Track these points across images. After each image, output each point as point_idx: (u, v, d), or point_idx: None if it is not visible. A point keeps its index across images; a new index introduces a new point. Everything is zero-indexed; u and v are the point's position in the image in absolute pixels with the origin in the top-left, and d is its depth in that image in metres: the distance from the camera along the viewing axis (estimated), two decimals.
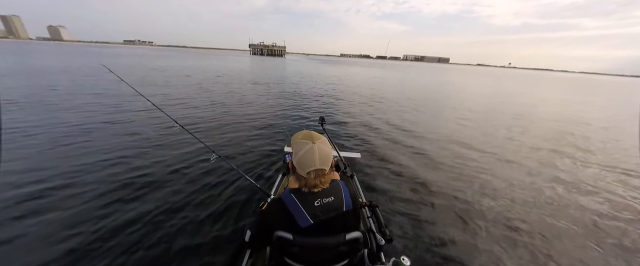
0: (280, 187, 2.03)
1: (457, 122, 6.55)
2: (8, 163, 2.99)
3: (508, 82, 26.11)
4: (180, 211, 2.27)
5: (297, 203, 0.87)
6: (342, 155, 2.42)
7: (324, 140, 0.91)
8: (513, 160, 3.97)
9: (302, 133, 0.96)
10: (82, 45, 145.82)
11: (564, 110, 9.30)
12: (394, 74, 26.49)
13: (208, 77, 13.72)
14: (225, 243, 1.93)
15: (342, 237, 0.90)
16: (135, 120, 4.97)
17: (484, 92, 14.34)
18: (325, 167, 0.87)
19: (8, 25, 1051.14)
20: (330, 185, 0.93)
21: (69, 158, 3.19)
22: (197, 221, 2.15)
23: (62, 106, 5.73)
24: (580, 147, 4.89)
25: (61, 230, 2.00)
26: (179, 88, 9.50)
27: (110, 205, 2.32)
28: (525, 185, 3.17)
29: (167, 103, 6.73)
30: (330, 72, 23.65)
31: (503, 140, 5.07)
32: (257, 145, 4.03)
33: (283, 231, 0.88)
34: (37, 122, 4.47)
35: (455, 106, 9.17)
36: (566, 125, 6.77)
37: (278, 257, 0.99)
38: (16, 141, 3.64)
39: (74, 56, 25.73)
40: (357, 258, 1.06)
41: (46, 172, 2.83)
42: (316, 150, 0.86)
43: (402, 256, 1.03)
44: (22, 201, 2.32)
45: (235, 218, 2.20)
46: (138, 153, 3.47)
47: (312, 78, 16.32)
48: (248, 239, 0.98)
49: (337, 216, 0.91)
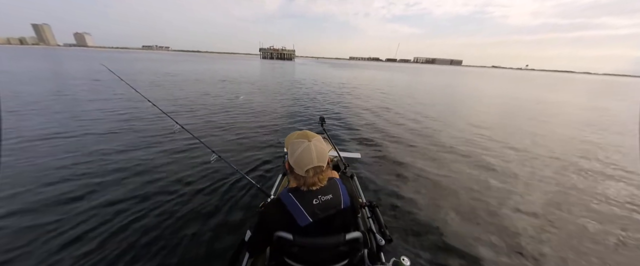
0: (280, 187, 2.02)
1: (459, 122, 6.50)
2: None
3: (524, 85, 25.15)
4: (180, 211, 2.28)
5: (295, 202, 0.88)
6: (342, 155, 2.41)
7: (319, 138, 0.93)
8: (518, 162, 3.93)
9: (297, 133, 0.97)
10: (103, 51, 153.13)
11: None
12: (402, 77, 26.20)
13: (213, 80, 13.81)
14: (225, 243, 1.94)
15: (342, 237, 0.90)
16: (136, 120, 5.04)
17: (492, 94, 13.98)
18: (323, 163, 0.89)
19: (39, 33, 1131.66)
20: (328, 183, 0.94)
21: (67, 157, 3.27)
22: (197, 221, 2.16)
23: (64, 110, 5.71)
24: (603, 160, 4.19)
25: (54, 227, 2.02)
26: (182, 89, 9.71)
27: (110, 205, 2.33)
28: (533, 188, 3.11)
29: (167, 104, 6.83)
30: (336, 74, 23.75)
31: (512, 142, 4.96)
32: (258, 145, 4.07)
33: (283, 231, 0.88)
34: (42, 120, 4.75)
35: (458, 107, 9.08)
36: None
37: (278, 257, 0.99)
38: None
39: (93, 61, 27.29)
40: (357, 258, 1.06)
41: (45, 169, 2.93)
42: (313, 148, 0.88)
43: (402, 256, 1.03)
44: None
45: (235, 218, 2.22)
46: (138, 152, 3.52)
47: (316, 80, 16.41)
48: (248, 239, 1.00)
49: (336, 214, 0.92)
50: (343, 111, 7.27)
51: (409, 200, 2.68)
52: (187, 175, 2.94)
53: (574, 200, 2.90)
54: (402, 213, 2.45)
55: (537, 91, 17.37)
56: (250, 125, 5.26)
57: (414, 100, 10.04)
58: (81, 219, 2.14)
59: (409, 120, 6.44)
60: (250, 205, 2.41)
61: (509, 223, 2.41)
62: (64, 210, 2.26)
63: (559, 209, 2.71)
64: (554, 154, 4.38)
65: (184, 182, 2.80)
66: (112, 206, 2.33)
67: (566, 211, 2.67)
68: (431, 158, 3.92)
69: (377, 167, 3.50)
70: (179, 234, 2.02)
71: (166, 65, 25.76)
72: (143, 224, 2.11)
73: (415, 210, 2.51)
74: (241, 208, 2.37)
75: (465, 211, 2.55)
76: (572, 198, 2.95)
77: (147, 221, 2.14)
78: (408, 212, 2.46)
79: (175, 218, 2.19)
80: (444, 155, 4.08)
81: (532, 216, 2.53)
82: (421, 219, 2.37)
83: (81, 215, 2.20)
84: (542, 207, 2.72)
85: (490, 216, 2.50)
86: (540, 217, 2.53)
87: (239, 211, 2.33)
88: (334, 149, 2.39)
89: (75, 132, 4.30)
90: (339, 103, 8.45)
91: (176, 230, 2.05)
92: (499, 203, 2.74)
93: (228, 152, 3.78)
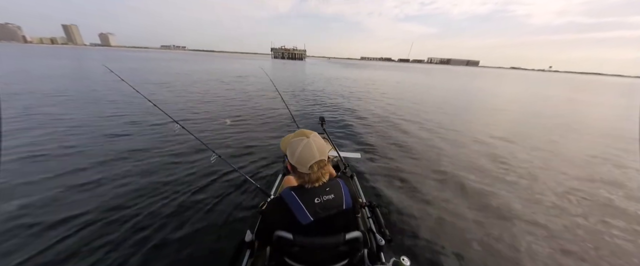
0: (280, 187, 2.00)
1: (461, 124, 6.40)
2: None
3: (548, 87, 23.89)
4: (179, 211, 2.28)
5: (297, 200, 0.89)
6: (342, 155, 2.39)
7: (316, 134, 0.95)
8: (521, 163, 3.87)
9: (292, 134, 0.98)
10: (125, 50, 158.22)
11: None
12: (413, 76, 25.68)
13: (216, 80, 13.51)
14: (225, 243, 1.94)
15: (342, 237, 0.90)
16: (137, 120, 5.00)
17: (503, 91, 13.41)
18: (324, 157, 0.91)
19: (68, 33, 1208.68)
20: (330, 182, 0.95)
21: (65, 157, 3.28)
22: (197, 221, 2.15)
23: (62, 112, 5.45)
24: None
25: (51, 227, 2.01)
26: (185, 88, 9.74)
27: (108, 205, 2.31)
28: (539, 191, 3.04)
29: (168, 104, 6.78)
30: (344, 75, 23.52)
31: (518, 143, 4.86)
32: (258, 145, 4.07)
33: (283, 230, 0.89)
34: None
35: (462, 107, 8.91)
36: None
37: (278, 257, 1.00)
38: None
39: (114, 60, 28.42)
40: (357, 258, 1.06)
41: (41, 167, 2.97)
42: (312, 143, 0.89)
43: (402, 256, 1.03)
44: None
45: (235, 218, 2.21)
46: (138, 152, 3.51)
47: (323, 79, 16.33)
48: (248, 239, 1.02)
49: (337, 214, 0.92)
50: (346, 110, 7.22)
51: (409, 200, 2.66)
52: (187, 175, 2.94)
53: (587, 209, 2.72)
54: (402, 213, 2.43)
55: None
56: (250, 125, 5.26)
57: (418, 100, 9.87)
58: (81, 219, 2.12)
59: (412, 122, 6.35)
60: (250, 205, 2.40)
61: (510, 224, 2.38)
62: (56, 210, 2.24)
63: (565, 206, 2.66)
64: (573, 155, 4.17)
65: (184, 181, 2.80)
66: (111, 206, 2.33)
67: (566, 213, 2.61)
68: (433, 159, 3.89)
69: (378, 167, 3.47)
70: (179, 234, 2.01)
71: (180, 65, 26.07)
72: (143, 224, 2.10)
73: (416, 210, 2.50)
74: (241, 208, 2.36)
75: (467, 212, 2.52)
76: (576, 200, 2.85)
77: (146, 221, 2.14)
78: (408, 212, 2.45)
79: (174, 218, 2.19)
80: (445, 155, 4.05)
81: (533, 222, 2.46)
82: (421, 219, 2.35)
83: (81, 214, 2.18)
84: (545, 211, 2.65)
85: (490, 216, 2.48)
86: (542, 218, 2.48)
87: (239, 211, 2.32)
88: (334, 149, 2.37)
89: (75, 131, 4.29)
90: (342, 103, 8.40)
91: (176, 230, 2.05)
92: (500, 203, 2.72)
93: (228, 152, 3.77)
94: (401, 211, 2.47)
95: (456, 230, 2.26)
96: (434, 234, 2.18)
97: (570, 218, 2.53)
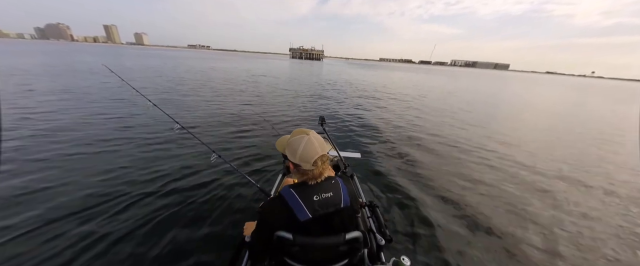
0: (280, 187, 1.97)
1: (462, 124, 6.33)
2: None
3: None
4: (179, 211, 2.26)
5: (296, 197, 0.89)
6: (342, 155, 2.38)
7: (314, 132, 0.95)
8: (522, 164, 3.81)
9: (289, 133, 0.99)
10: (156, 49, 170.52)
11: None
12: (428, 78, 24.62)
13: (218, 80, 12.90)
14: (225, 243, 1.93)
15: (342, 237, 0.90)
16: (136, 120, 4.94)
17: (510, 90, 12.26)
18: (325, 151, 0.93)
19: (108, 33, 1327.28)
20: (328, 181, 0.94)
21: (63, 156, 3.22)
22: (197, 221, 2.14)
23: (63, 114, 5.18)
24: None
25: (50, 228, 1.98)
26: (189, 87, 9.64)
27: (108, 205, 2.30)
28: (542, 191, 3.04)
29: (168, 104, 6.70)
30: (358, 77, 23.16)
31: (516, 142, 4.67)
32: (258, 145, 4.03)
33: (283, 230, 0.88)
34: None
35: (463, 109, 8.60)
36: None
37: (278, 257, 0.99)
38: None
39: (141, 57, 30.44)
40: (357, 258, 1.05)
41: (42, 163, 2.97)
42: (313, 139, 0.91)
43: (402, 256, 1.03)
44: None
45: (235, 218, 2.20)
46: (138, 152, 3.49)
47: (337, 80, 16.25)
48: (248, 239, 1.00)
49: (336, 213, 0.91)
50: (345, 111, 7.17)
51: (409, 201, 2.66)
52: (186, 175, 2.90)
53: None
54: (402, 213, 2.43)
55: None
56: (251, 125, 5.17)
57: (423, 101, 9.37)
58: (81, 219, 2.11)
59: (414, 123, 6.24)
60: (250, 205, 2.39)
61: (510, 225, 2.40)
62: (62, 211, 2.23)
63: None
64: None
65: (183, 181, 2.77)
66: (111, 205, 2.31)
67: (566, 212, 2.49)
68: (433, 159, 3.91)
69: (378, 167, 3.44)
70: (177, 234, 1.99)
71: (203, 63, 27.39)
72: (142, 224, 2.08)
73: (416, 210, 2.51)
74: (241, 208, 2.35)
75: (467, 212, 2.54)
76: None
77: (146, 221, 2.12)
78: (408, 212, 2.45)
79: (174, 218, 2.17)
80: (445, 156, 4.06)
81: (534, 224, 2.44)
82: (421, 219, 2.35)
83: (81, 214, 2.16)
84: (546, 212, 2.61)
85: (491, 216, 2.49)
86: (543, 220, 2.46)
87: (239, 211, 2.32)
88: (334, 149, 2.32)
89: (75, 131, 4.18)
90: (341, 103, 8.34)
91: (174, 230, 2.02)
92: (501, 203, 2.76)
93: (228, 151, 3.73)
94: (401, 211, 2.46)
95: (457, 230, 2.25)
96: (434, 234, 2.16)
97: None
